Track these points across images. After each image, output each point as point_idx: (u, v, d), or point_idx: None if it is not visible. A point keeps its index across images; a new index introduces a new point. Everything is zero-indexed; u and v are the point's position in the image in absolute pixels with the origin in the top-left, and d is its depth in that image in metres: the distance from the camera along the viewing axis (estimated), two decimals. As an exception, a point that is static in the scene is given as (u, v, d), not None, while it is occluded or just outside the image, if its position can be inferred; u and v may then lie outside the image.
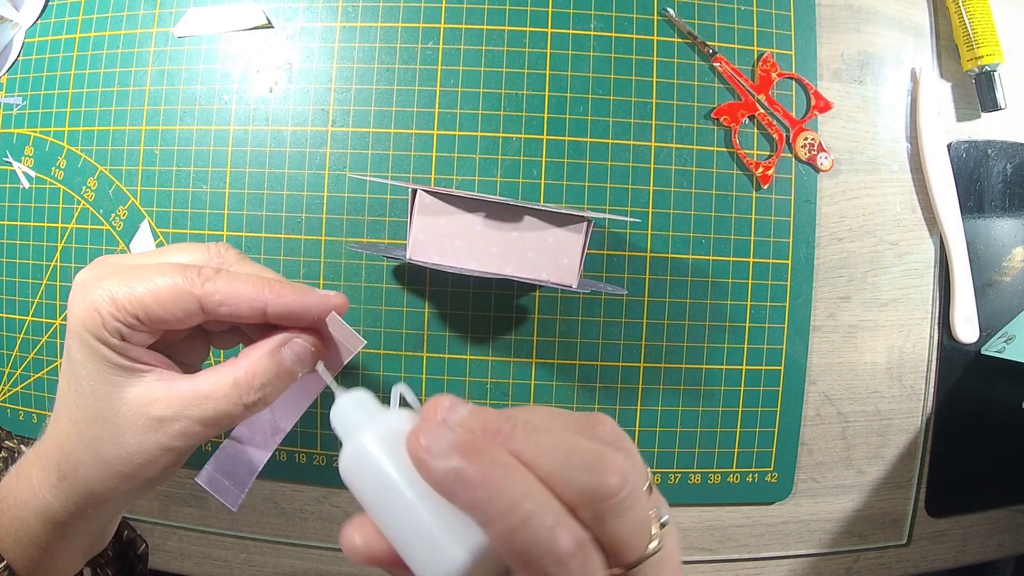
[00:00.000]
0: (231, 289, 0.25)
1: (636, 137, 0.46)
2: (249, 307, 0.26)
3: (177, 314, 0.25)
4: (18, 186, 0.49)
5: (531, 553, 0.17)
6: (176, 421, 0.26)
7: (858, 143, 0.48)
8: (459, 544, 0.18)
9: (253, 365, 0.26)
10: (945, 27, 0.49)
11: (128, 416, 0.26)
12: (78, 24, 0.48)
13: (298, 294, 0.26)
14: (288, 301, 0.26)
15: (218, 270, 0.26)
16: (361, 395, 0.23)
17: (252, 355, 0.26)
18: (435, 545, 0.18)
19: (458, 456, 0.18)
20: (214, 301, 0.25)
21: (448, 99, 0.46)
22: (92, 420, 0.26)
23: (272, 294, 0.26)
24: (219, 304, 0.25)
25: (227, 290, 0.25)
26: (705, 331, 0.47)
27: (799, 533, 0.49)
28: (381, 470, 0.20)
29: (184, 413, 0.25)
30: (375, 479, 0.20)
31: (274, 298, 0.26)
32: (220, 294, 0.25)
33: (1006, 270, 0.49)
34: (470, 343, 0.47)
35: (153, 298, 0.25)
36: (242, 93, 0.47)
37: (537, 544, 0.17)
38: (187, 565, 0.49)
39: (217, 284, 0.25)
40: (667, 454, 0.47)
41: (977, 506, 0.50)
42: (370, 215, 0.46)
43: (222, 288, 0.25)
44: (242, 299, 0.25)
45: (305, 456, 0.47)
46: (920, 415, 0.49)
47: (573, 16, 0.47)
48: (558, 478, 0.18)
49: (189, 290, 0.25)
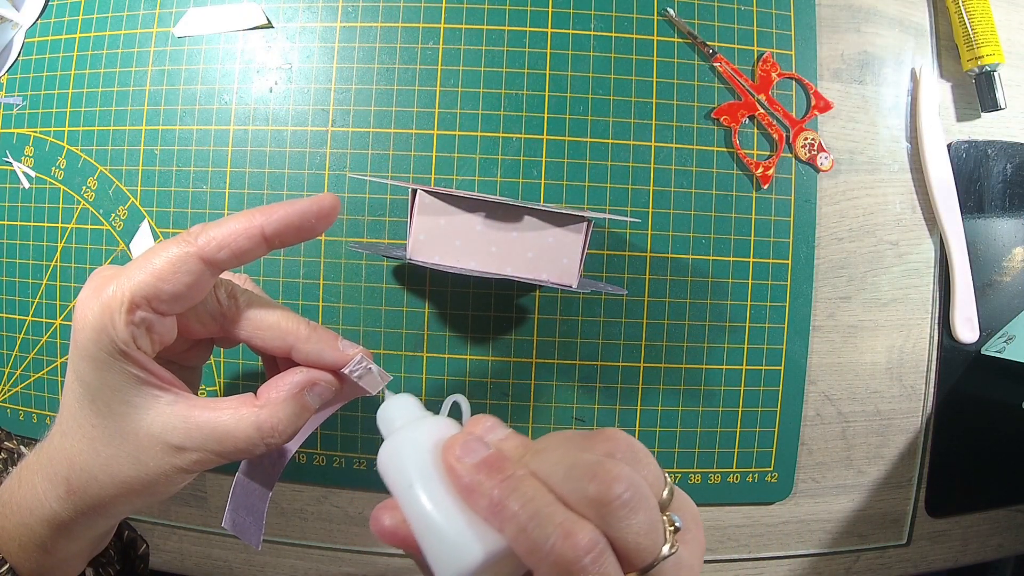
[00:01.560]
0: (224, 230, 0.25)
1: (636, 137, 0.46)
2: (275, 336, 0.26)
3: (185, 280, 0.24)
4: (18, 186, 0.49)
5: (544, 548, 0.19)
6: (195, 452, 0.25)
7: (858, 143, 0.48)
8: (476, 543, 0.20)
9: (276, 409, 0.26)
10: (945, 27, 0.49)
11: (146, 439, 0.25)
12: (78, 24, 0.48)
13: (322, 340, 0.27)
14: (312, 349, 0.27)
15: (206, 224, 0.26)
16: (408, 399, 0.25)
17: (274, 396, 0.26)
18: (454, 542, 0.20)
19: (484, 469, 0.21)
20: (213, 247, 0.25)
21: (448, 99, 0.46)
22: (108, 439, 0.25)
23: (262, 216, 0.25)
24: (219, 249, 0.25)
25: (220, 232, 0.25)
26: (705, 331, 0.47)
27: (799, 533, 0.49)
28: (414, 468, 0.22)
29: (204, 447, 0.25)
30: (408, 475, 0.22)
31: (265, 220, 0.25)
32: (215, 239, 0.25)
33: (1006, 270, 0.49)
34: (470, 343, 0.47)
35: (156, 277, 0.24)
36: (242, 93, 0.47)
37: (548, 539, 0.19)
38: (187, 565, 0.49)
39: (208, 232, 0.25)
40: (667, 454, 0.47)
41: (977, 506, 0.50)
42: (370, 215, 0.46)
43: (214, 233, 0.25)
44: (238, 234, 0.25)
45: (305, 456, 0.47)
46: (920, 415, 0.49)
47: (573, 16, 0.47)
48: (564, 488, 0.20)
49: (186, 251, 0.24)
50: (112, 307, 0.24)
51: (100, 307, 0.24)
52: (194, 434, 0.25)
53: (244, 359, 0.47)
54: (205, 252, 0.25)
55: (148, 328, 0.25)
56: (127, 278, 0.24)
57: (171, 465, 0.26)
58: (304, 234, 0.27)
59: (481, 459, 0.21)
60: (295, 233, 0.26)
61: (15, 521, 0.27)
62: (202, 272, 0.25)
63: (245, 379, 0.47)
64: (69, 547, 0.28)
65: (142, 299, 0.24)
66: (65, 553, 0.28)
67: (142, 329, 0.24)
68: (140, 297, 0.24)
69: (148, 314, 0.24)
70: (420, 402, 0.26)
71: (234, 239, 0.25)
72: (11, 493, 0.28)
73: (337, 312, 0.47)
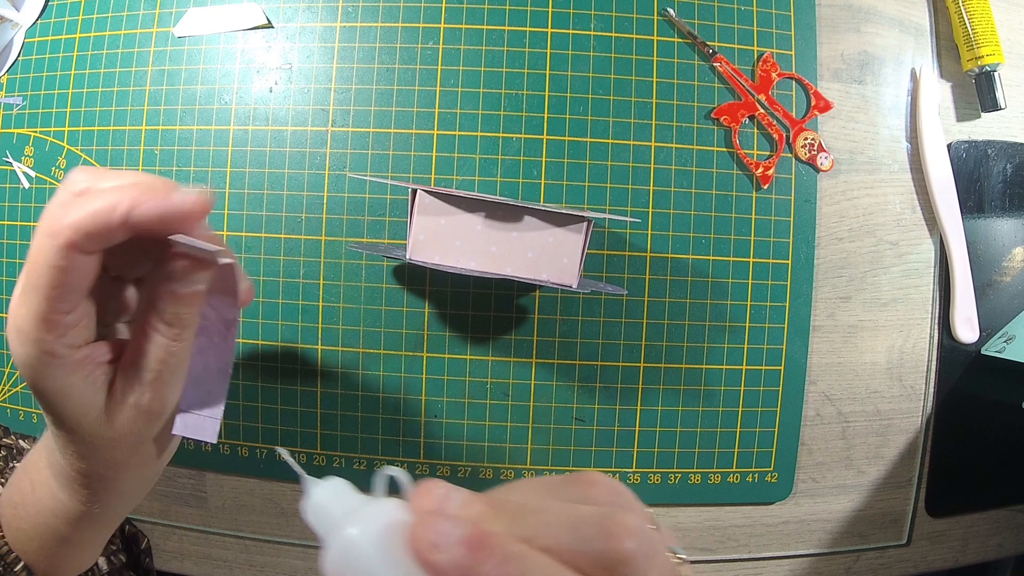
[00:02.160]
0: (86, 213, 0.23)
1: (636, 137, 0.46)
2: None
3: (72, 286, 0.23)
4: (18, 186, 0.49)
5: None
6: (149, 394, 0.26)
7: (858, 143, 0.48)
8: None
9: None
10: (945, 27, 0.49)
11: (127, 420, 0.26)
12: (78, 24, 0.48)
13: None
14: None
15: (72, 201, 0.24)
16: (338, 484, 0.21)
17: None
18: None
19: (469, 552, 0.16)
20: (80, 238, 0.23)
21: (448, 99, 0.46)
22: (107, 445, 0.26)
23: (129, 202, 0.23)
24: (86, 239, 0.23)
25: (83, 220, 0.23)
26: (705, 331, 0.47)
27: (799, 533, 0.49)
28: (378, 570, 0.18)
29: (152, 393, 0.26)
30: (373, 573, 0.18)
31: (130, 207, 0.23)
32: (78, 228, 0.23)
33: (1006, 270, 0.49)
34: (470, 343, 0.47)
35: (45, 298, 0.23)
36: (242, 93, 0.47)
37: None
38: (187, 565, 0.49)
39: (69, 218, 0.23)
40: (667, 454, 0.47)
41: (977, 506, 0.50)
42: (370, 215, 0.46)
43: (75, 220, 0.23)
44: (100, 223, 0.23)
45: (305, 456, 0.47)
46: (920, 415, 0.49)
47: (573, 16, 0.47)
48: (573, 554, 0.17)
49: (57, 263, 0.23)
50: (27, 338, 0.24)
51: (21, 346, 0.24)
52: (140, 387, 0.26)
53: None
54: (73, 242, 0.23)
55: (68, 327, 0.24)
56: (23, 308, 0.23)
57: (158, 432, 0.26)
58: (169, 229, 0.24)
59: (461, 540, 0.17)
60: (161, 228, 0.24)
61: (35, 522, 0.28)
62: (78, 261, 0.23)
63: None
64: (93, 537, 0.30)
65: (46, 321, 0.23)
66: (87, 544, 0.30)
67: (64, 332, 0.24)
68: (44, 319, 0.23)
69: (61, 318, 0.24)
70: (351, 485, 0.21)
71: (97, 228, 0.23)
72: (23, 495, 0.29)
73: (337, 312, 0.47)
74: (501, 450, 0.47)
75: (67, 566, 0.31)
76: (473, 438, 0.47)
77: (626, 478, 0.47)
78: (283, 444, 0.47)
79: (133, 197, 0.23)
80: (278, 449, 0.25)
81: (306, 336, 0.47)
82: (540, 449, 0.47)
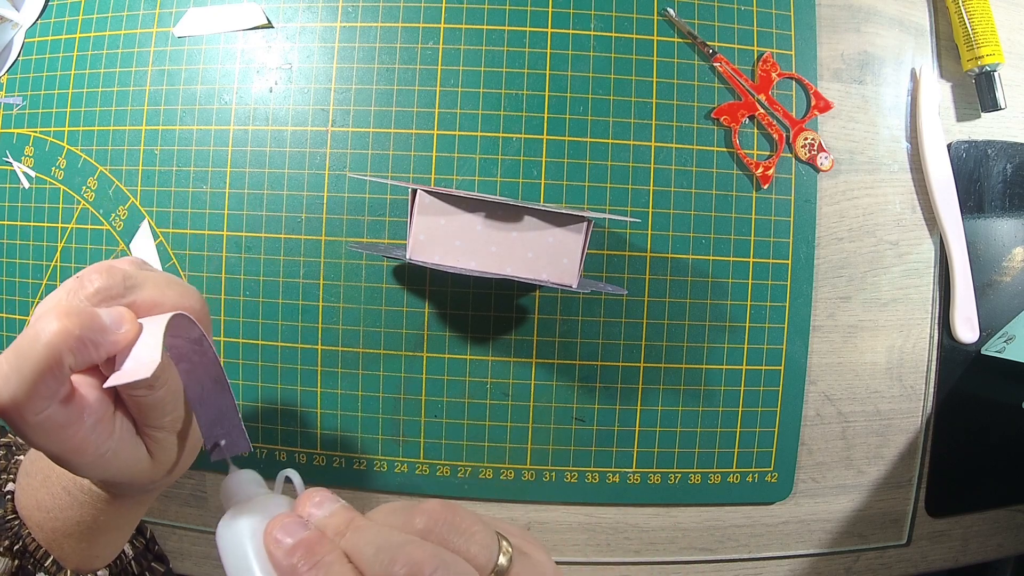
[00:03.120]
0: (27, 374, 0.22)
1: (636, 137, 0.46)
2: None
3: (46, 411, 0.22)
4: (18, 186, 0.49)
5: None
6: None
7: (858, 143, 0.48)
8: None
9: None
10: (945, 27, 0.49)
11: (169, 452, 0.27)
12: (78, 24, 0.48)
13: None
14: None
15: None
16: (250, 474, 0.26)
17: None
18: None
19: (299, 552, 0.21)
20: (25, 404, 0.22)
21: (448, 99, 0.46)
22: (125, 464, 0.26)
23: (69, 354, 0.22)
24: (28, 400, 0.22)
25: (23, 384, 0.21)
26: (705, 331, 0.47)
27: (799, 533, 0.49)
28: (242, 546, 0.23)
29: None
30: (236, 552, 0.23)
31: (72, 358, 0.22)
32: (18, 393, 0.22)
33: (1006, 270, 0.49)
34: (470, 343, 0.47)
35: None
36: (242, 93, 0.47)
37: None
38: (187, 565, 0.49)
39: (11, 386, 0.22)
40: (667, 454, 0.47)
41: (977, 506, 0.50)
42: (370, 215, 0.46)
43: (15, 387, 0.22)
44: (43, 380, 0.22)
45: (305, 456, 0.47)
46: (920, 415, 0.49)
47: (573, 16, 0.47)
48: (372, 570, 0.20)
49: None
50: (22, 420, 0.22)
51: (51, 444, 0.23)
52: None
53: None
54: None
55: (50, 417, 0.23)
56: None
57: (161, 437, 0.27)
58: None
59: (298, 541, 0.21)
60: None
61: (68, 519, 0.29)
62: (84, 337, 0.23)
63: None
64: (126, 523, 0.32)
65: (26, 411, 0.22)
66: (120, 533, 0.32)
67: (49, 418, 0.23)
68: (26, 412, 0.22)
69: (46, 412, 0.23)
70: (261, 479, 0.27)
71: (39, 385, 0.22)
72: (53, 499, 0.29)
73: (337, 312, 0.47)
74: (501, 450, 0.47)
75: (100, 556, 0.32)
76: (473, 438, 0.47)
77: (626, 478, 0.47)
78: (283, 444, 0.47)
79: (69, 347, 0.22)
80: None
81: (306, 336, 0.47)
82: (540, 449, 0.47)
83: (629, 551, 0.48)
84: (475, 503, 0.48)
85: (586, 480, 0.47)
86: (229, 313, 0.47)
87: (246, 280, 0.47)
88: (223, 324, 0.47)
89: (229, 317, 0.47)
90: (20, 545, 0.29)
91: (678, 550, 0.48)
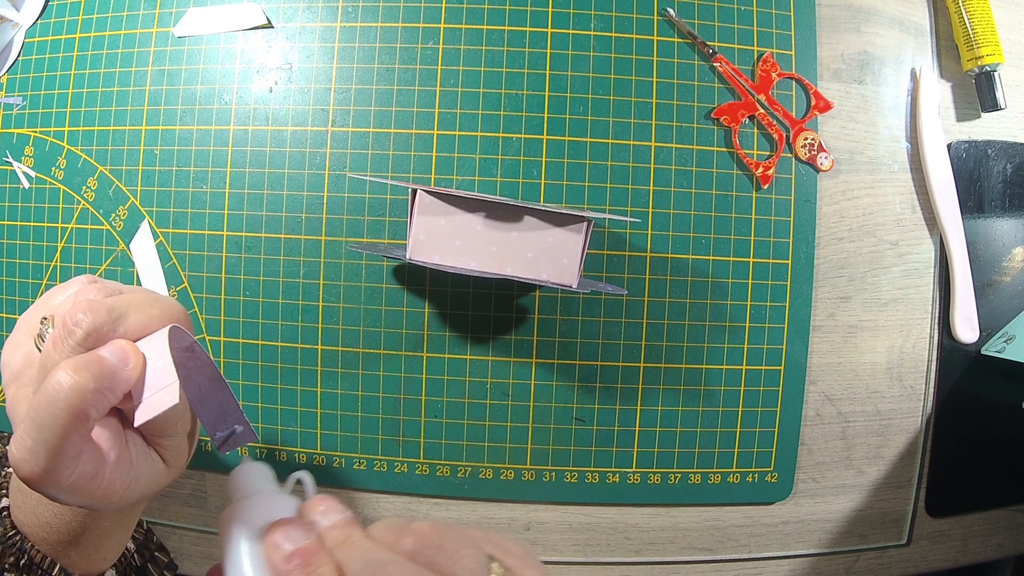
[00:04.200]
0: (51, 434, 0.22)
1: (636, 137, 0.46)
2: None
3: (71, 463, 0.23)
4: (18, 186, 0.49)
5: None
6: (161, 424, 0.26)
7: (858, 143, 0.48)
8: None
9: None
10: (945, 27, 0.49)
11: (179, 452, 0.27)
12: (78, 24, 0.48)
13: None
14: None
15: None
16: (261, 467, 0.26)
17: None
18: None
19: (295, 560, 0.21)
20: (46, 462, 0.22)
21: (448, 99, 0.46)
22: (147, 482, 0.26)
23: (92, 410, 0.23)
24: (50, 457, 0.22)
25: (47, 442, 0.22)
26: (705, 331, 0.47)
27: (799, 533, 0.49)
28: (242, 539, 0.23)
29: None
30: (237, 544, 0.23)
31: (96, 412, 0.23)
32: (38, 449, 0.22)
33: (1006, 270, 0.49)
34: (470, 343, 0.47)
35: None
36: (242, 93, 0.47)
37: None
38: (187, 565, 0.49)
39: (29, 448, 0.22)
40: (667, 454, 0.47)
41: (977, 506, 0.50)
42: (370, 215, 0.46)
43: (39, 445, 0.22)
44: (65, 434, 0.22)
45: (305, 456, 0.47)
46: (920, 415, 0.49)
47: (573, 16, 0.47)
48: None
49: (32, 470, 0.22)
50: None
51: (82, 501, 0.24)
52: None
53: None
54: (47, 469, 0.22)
55: (74, 462, 0.23)
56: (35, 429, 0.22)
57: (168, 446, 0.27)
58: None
59: (296, 549, 0.22)
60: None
61: (73, 531, 0.29)
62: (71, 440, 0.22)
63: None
64: (128, 523, 0.33)
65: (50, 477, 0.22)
66: (124, 536, 0.33)
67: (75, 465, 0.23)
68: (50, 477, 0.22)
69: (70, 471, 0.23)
70: (272, 474, 0.26)
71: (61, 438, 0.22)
72: (56, 516, 0.29)
73: (337, 312, 0.47)
74: (501, 450, 0.47)
75: (107, 558, 0.32)
76: (473, 438, 0.47)
77: (626, 478, 0.47)
78: (283, 444, 0.47)
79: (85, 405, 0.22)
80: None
81: (306, 336, 0.47)
82: (540, 449, 0.47)
83: (629, 551, 0.48)
84: (475, 503, 0.48)
85: (586, 480, 0.47)
86: (229, 313, 0.47)
87: (246, 280, 0.47)
88: (223, 324, 0.47)
89: (229, 317, 0.47)
90: (26, 560, 0.29)
91: (678, 550, 0.48)
